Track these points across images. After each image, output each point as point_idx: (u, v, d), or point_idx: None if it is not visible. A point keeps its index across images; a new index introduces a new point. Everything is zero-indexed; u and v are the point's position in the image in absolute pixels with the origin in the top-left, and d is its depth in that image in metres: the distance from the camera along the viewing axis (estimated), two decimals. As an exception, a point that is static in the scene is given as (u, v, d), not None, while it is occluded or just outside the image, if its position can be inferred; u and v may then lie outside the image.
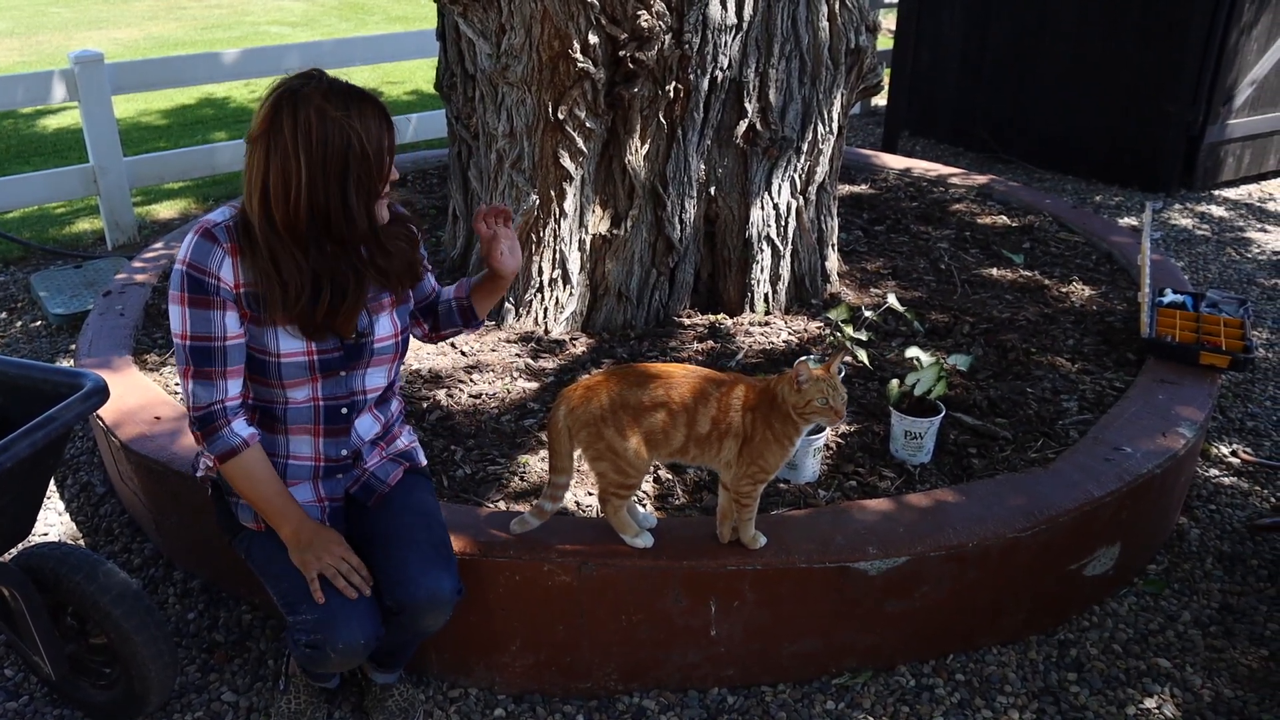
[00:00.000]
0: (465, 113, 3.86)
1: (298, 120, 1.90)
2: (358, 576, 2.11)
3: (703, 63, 3.46)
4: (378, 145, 1.97)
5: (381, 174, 1.99)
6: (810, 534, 2.50)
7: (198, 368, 2.02)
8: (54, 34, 11.66)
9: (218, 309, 2.00)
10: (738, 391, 2.28)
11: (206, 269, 1.98)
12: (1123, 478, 2.73)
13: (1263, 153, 6.55)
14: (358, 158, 1.94)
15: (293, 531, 2.11)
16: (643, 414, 2.24)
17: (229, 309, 2.01)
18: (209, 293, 1.99)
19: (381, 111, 1.99)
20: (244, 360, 2.06)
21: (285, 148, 1.91)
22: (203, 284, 1.99)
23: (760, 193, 3.70)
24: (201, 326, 2.00)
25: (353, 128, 1.92)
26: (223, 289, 2.00)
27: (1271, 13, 6.03)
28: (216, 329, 2.00)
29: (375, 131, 1.96)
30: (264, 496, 2.10)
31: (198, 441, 2.09)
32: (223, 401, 2.04)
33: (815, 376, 2.21)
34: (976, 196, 5.07)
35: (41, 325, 4.66)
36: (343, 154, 1.92)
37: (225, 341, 2.01)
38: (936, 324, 3.68)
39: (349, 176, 1.94)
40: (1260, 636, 2.77)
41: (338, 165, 1.93)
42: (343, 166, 1.93)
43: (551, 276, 3.62)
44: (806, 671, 2.59)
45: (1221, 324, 3.49)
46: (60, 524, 3.26)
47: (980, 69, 7.03)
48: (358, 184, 1.96)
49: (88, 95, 5.23)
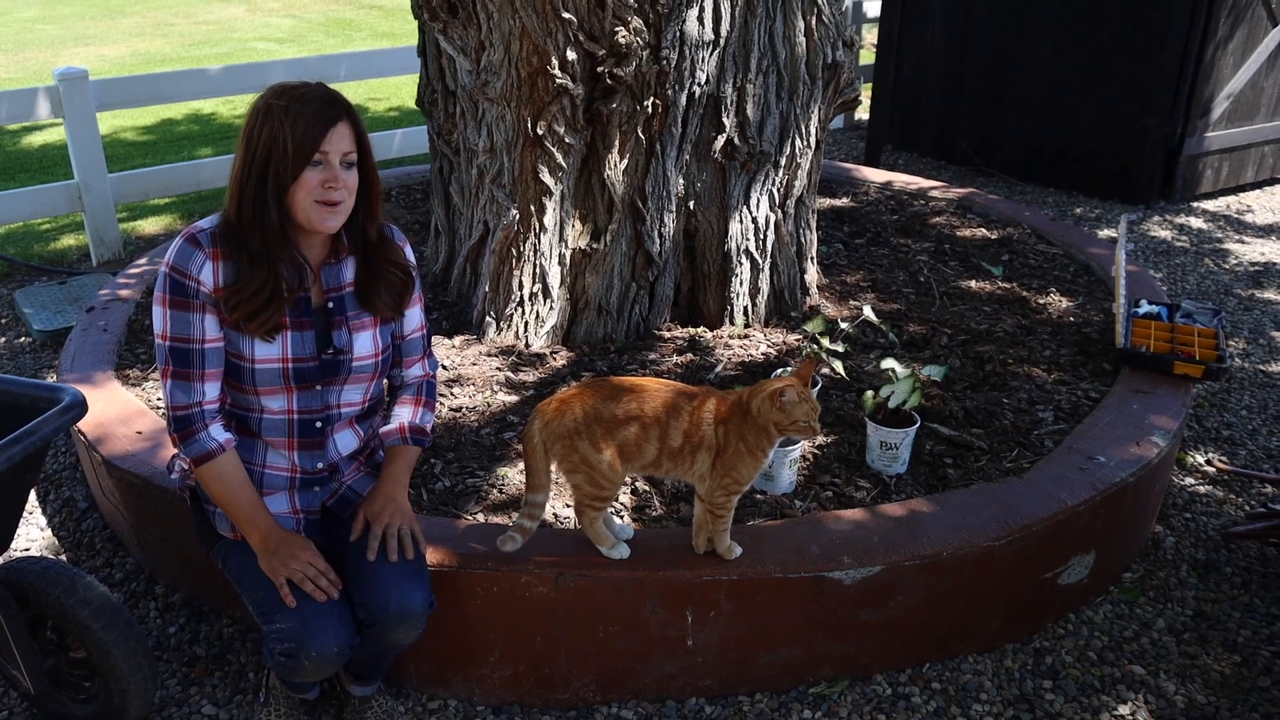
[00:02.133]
0: (446, 128, 3.89)
1: (254, 116, 2.01)
2: (325, 580, 2.12)
3: (680, 78, 3.49)
4: (300, 142, 1.98)
5: (292, 170, 1.99)
6: (786, 544, 2.52)
7: (176, 368, 2.06)
8: (40, 50, 11.68)
9: (197, 311, 2.04)
10: (709, 405, 2.30)
11: (187, 272, 2.03)
12: (1097, 486, 2.76)
13: (1240, 165, 6.62)
14: (280, 151, 1.98)
15: (261, 538, 2.13)
16: (616, 427, 2.27)
17: (208, 312, 2.05)
18: (189, 295, 2.03)
19: (316, 113, 2.00)
20: (222, 364, 2.09)
21: (241, 143, 2.02)
22: (183, 286, 2.03)
23: (739, 206, 3.73)
24: (181, 328, 2.04)
25: (284, 122, 1.97)
26: (202, 292, 2.04)
27: (1246, 27, 6.11)
28: (195, 331, 2.04)
29: (303, 128, 1.98)
30: (235, 502, 2.12)
31: (175, 444, 2.11)
32: (200, 405, 2.07)
33: (799, 398, 2.24)
34: (956, 209, 5.11)
35: (25, 341, 4.66)
36: (267, 149, 1.98)
37: (204, 345, 2.05)
38: (914, 336, 3.71)
39: (270, 169, 1.99)
40: (1233, 643, 2.80)
41: (263, 157, 1.99)
42: (265, 159, 1.99)
43: (532, 291, 3.64)
44: (783, 681, 2.61)
45: (1196, 334, 3.53)
46: (42, 538, 3.27)
47: (961, 83, 7.09)
48: (275, 177, 2.00)
49: (72, 112, 5.25)
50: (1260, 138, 6.60)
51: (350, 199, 2.07)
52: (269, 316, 2.06)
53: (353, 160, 2.06)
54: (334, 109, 2.02)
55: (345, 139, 2.03)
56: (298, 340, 2.13)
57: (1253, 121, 6.51)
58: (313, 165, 2.01)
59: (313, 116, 1.99)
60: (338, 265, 2.18)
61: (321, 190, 2.02)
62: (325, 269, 2.17)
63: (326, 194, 2.02)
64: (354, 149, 2.05)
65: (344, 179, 2.03)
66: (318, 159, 2.01)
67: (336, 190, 2.03)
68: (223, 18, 14.00)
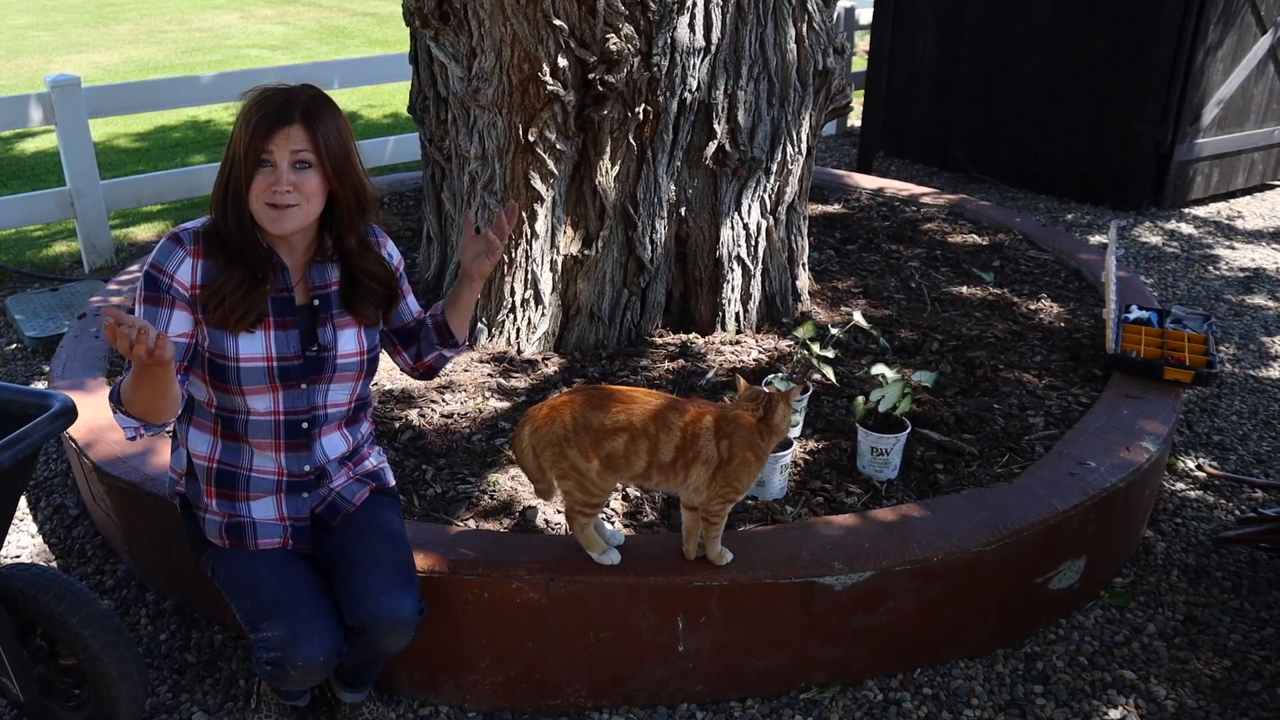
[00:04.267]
0: (438, 135, 3.90)
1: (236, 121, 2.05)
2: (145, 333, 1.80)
3: (672, 85, 3.50)
4: (249, 143, 2.00)
5: (245, 173, 2.01)
6: (777, 549, 2.52)
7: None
8: (34, 58, 11.67)
9: (165, 306, 2.05)
10: (705, 420, 2.29)
11: (163, 268, 2.06)
12: (1087, 492, 2.77)
13: (1230, 171, 6.64)
14: (239, 154, 2.01)
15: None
16: (604, 437, 2.26)
17: (178, 308, 2.06)
18: (161, 290, 2.05)
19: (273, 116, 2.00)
20: (179, 358, 2.06)
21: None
22: (157, 282, 2.05)
23: (730, 213, 3.74)
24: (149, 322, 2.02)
25: (242, 125, 2.01)
26: (175, 288, 2.05)
27: (1236, 34, 6.14)
28: (159, 324, 2.04)
29: (252, 130, 2.00)
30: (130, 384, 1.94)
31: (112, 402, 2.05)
32: None
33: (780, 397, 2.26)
34: (948, 216, 5.13)
35: (17, 348, 4.66)
36: (231, 150, 2.03)
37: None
38: (906, 341, 3.72)
39: (231, 172, 2.03)
40: (1224, 647, 2.81)
41: (228, 159, 2.04)
42: (229, 161, 2.03)
43: (524, 297, 3.65)
44: (775, 687, 2.61)
45: (1186, 339, 3.54)
46: (33, 546, 3.26)
47: (953, 90, 7.11)
48: (234, 180, 2.03)
49: (64, 119, 5.25)
50: (1250, 144, 6.63)
51: (309, 203, 2.04)
52: (247, 310, 2.06)
53: (307, 161, 2.02)
54: (288, 111, 2.00)
55: (297, 139, 2.00)
56: (281, 338, 2.13)
57: (1243, 128, 6.54)
58: (261, 167, 2.01)
59: (263, 119, 1.99)
60: (324, 264, 2.18)
61: (269, 193, 2.01)
62: (313, 267, 2.17)
63: (273, 196, 2.01)
64: (307, 149, 2.01)
65: (291, 180, 2.01)
66: (265, 160, 2.01)
67: (281, 194, 2.01)
68: (216, 25, 14.00)
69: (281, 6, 15.66)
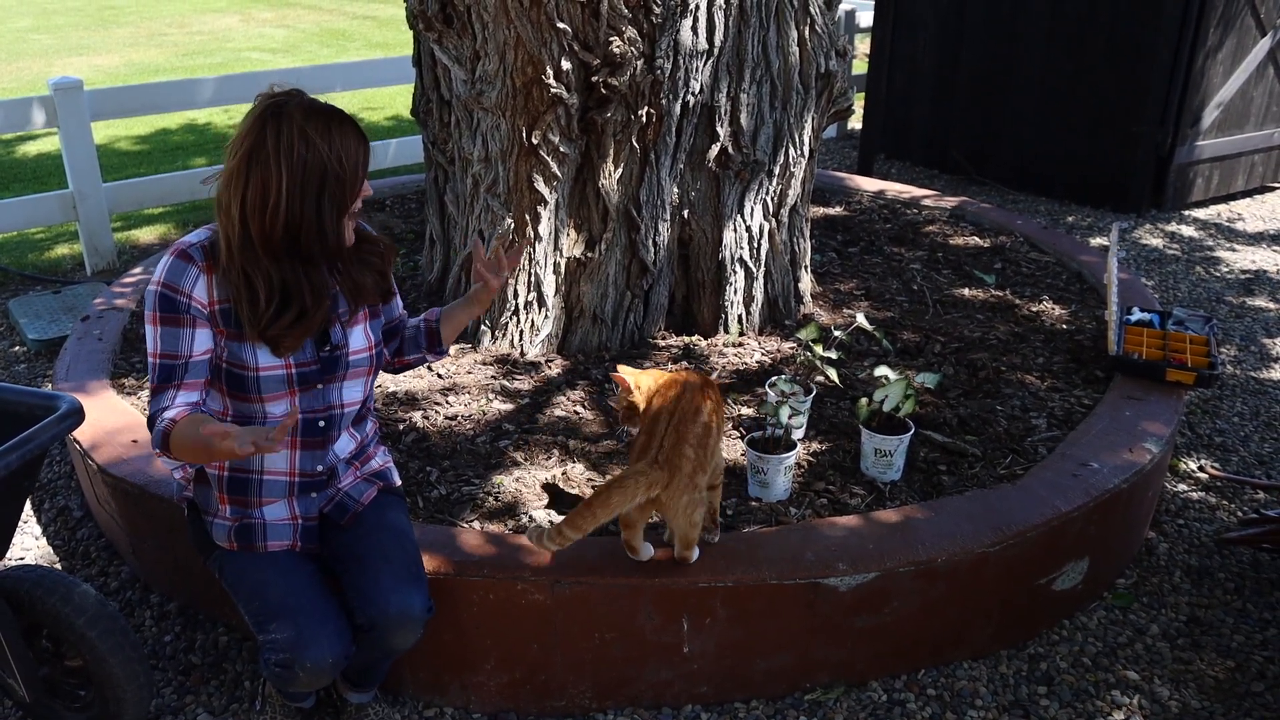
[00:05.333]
0: (441, 138, 3.90)
1: (280, 136, 1.95)
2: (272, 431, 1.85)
3: (674, 87, 3.51)
4: (353, 165, 2.02)
5: (355, 191, 2.05)
6: (781, 551, 2.53)
7: (161, 383, 2.05)
8: (35, 60, 11.68)
9: (188, 326, 2.04)
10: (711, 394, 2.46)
11: (179, 288, 2.03)
12: (1090, 493, 2.77)
13: (1231, 173, 6.65)
14: (334, 176, 1.99)
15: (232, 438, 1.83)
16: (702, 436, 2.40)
17: (199, 326, 2.05)
18: (180, 310, 2.03)
19: (358, 132, 2.05)
20: (205, 374, 2.08)
21: (267, 161, 1.96)
22: (175, 302, 2.03)
23: (733, 215, 3.75)
24: (170, 344, 2.03)
25: (331, 147, 1.98)
26: (194, 307, 2.04)
27: (1236, 37, 6.15)
28: (184, 346, 2.04)
29: (352, 152, 2.02)
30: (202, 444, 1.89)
31: (155, 452, 2.11)
32: (169, 406, 2.03)
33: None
34: (949, 218, 5.14)
35: (20, 351, 4.66)
36: (320, 172, 1.98)
37: (190, 358, 2.05)
38: (908, 343, 3.72)
39: (325, 194, 2.00)
40: (1227, 648, 2.81)
41: (315, 182, 1.98)
42: (319, 184, 1.98)
43: (527, 299, 3.65)
44: (779, 688, 2.61)
45: (1188, 341, 3.55)
46: (37, 547, 3.26)
47: (953, 92, 7.12)
48: (332, 201, 2.01)
49: (67, 121, 5.26)
50: (1250, 146, 6.64)
51: None
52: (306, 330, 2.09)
53: None
54: (355, 126, 2.07)
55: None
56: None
57: (1243, 130, 6.55)
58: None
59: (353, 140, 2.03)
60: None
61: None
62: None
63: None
64: None
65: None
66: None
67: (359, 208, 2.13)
68: (217, 28, 14.01)
69: (282, 10, 15.68)
